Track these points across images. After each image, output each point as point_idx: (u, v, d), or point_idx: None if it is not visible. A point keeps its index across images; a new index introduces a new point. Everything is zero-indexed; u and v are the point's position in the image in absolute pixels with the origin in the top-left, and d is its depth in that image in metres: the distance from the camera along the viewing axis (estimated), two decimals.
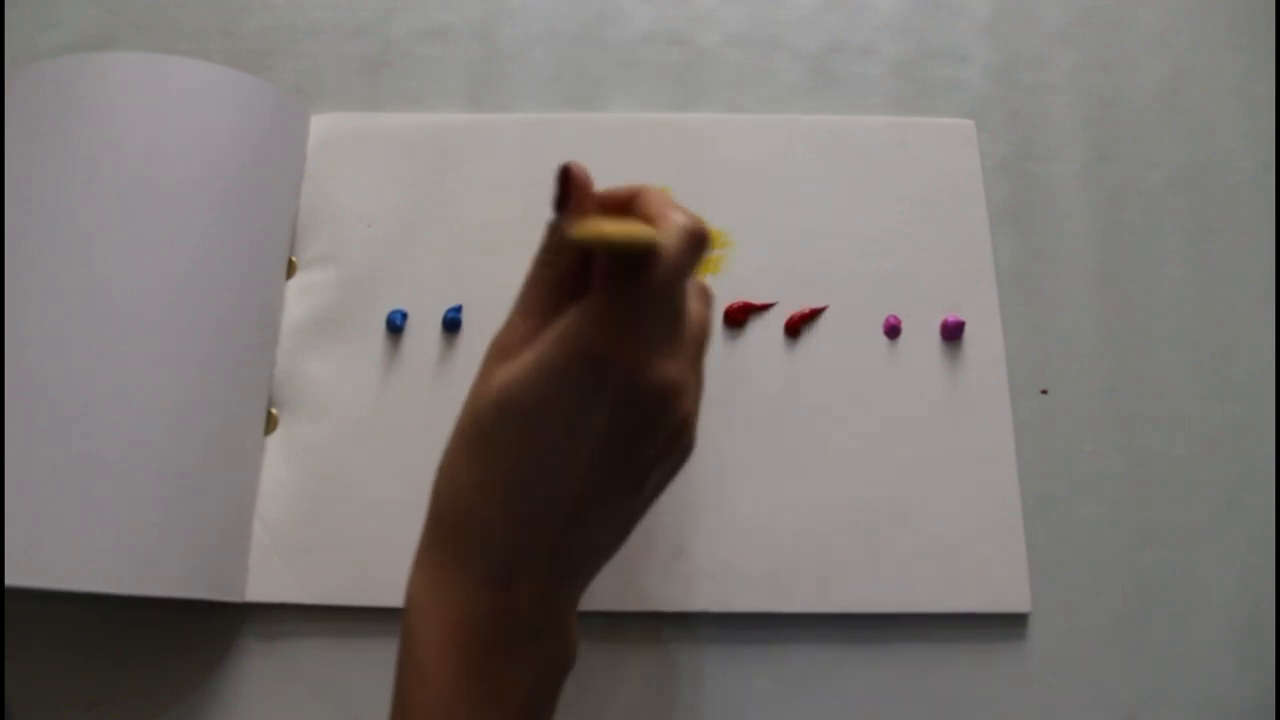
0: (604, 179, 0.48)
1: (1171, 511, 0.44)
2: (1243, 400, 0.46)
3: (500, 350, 0.32)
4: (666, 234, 0.29)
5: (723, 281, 0.47)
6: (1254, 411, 0.46)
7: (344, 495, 0.43)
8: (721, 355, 0.46)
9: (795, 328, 0.46)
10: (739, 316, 0.46)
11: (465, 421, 0.32)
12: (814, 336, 0.46)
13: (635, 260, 0.29)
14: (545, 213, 0.47)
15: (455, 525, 0.31)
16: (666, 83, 0.52)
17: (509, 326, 0.32)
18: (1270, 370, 0.46)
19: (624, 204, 0.33)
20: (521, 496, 0.30)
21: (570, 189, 0.32)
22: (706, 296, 0.35)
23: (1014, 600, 0.42)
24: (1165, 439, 0.45)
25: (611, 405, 0.30)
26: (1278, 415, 0.46)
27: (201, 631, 0.42)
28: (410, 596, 0.31)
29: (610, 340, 0.29)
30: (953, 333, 0.46)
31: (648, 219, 0.31)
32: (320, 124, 0.50)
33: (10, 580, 0.36)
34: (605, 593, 0.34)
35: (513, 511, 0.30)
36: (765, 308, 0.46)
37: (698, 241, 0.30)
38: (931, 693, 0.41)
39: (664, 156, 0.49)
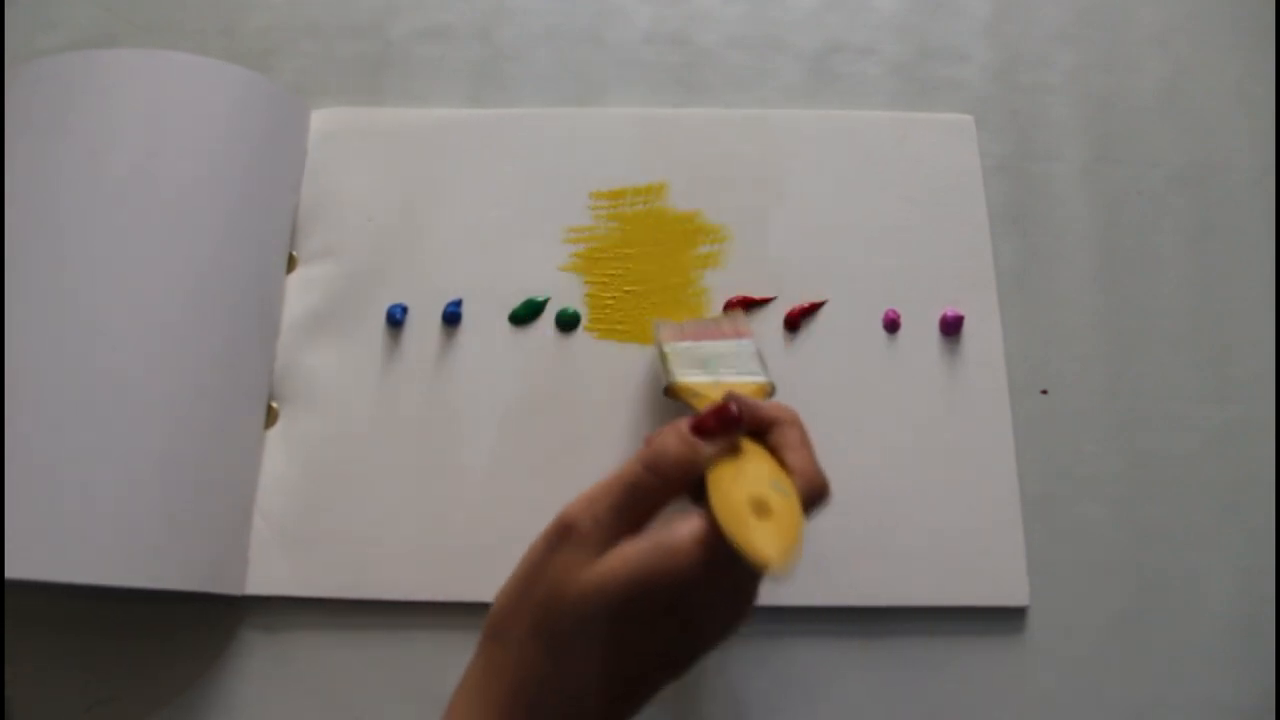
0: (605, 173, 0.49)
1: (1171, 511, 0.44)
2: (1243, 400, 0.46)
3: (578, 534, 0.31)
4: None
5: (722, 275, 0.47)
6: (1254, 411, 0.46)
7: (344, 489, 0.43)
8: None
9: (795, 322, 0.46)
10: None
11: (539, 599, 0.31)
12: (813, 330, 0.46)
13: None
14: (546, 208, 0.48)
15: (514, 690, 0.31)
16: (666, 83, 0.52)
17: (591, 513, 0.31)
18: (1270, 370, 0.46)
19: (758, 427, 0.34)
20: (581, 686, 0.30)
21: (722, 428, 0.32)
22: None
23: (1012, 594, 0.42)
24: (1165, 439, 0.45)
25: (681, 624, 0.31)
26: (1278, 415, 0.46)
27: (201, 624, 0.42)
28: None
29: (705, 585, 0.30)
30: (952, 326, 0.46)
31: (778, 461, 0.32)
32: (321, 118, 0.50)
33: (10, 573, 0.36)
34: None
35: (573, 692, 0.31)
36: (765, 302, 0.46)
37: (815, 504, 0.32)
38: (930, 685, 0.41)
39: (664, 151, 0.49)
